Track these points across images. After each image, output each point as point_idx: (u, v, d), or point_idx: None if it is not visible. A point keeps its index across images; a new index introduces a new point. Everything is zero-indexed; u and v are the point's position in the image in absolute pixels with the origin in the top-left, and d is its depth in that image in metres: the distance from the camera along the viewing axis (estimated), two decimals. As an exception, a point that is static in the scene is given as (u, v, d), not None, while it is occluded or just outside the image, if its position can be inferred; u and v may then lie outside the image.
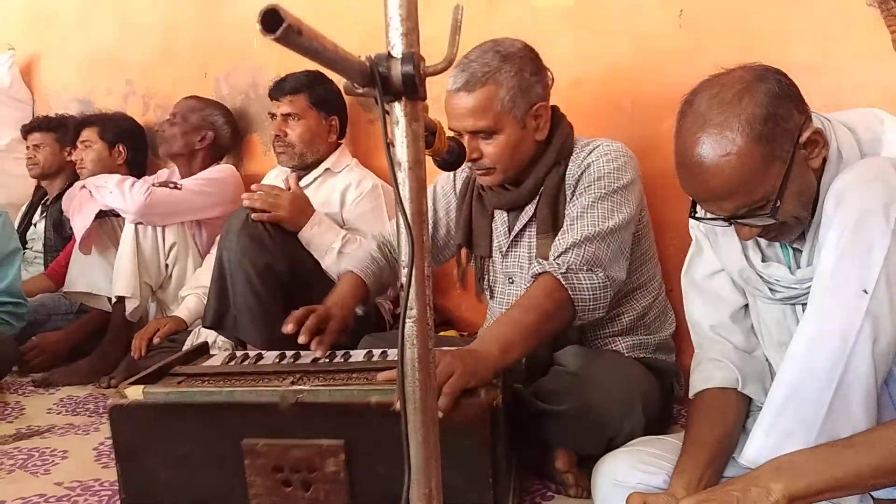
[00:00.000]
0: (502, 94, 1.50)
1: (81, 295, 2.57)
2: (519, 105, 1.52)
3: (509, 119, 1.52)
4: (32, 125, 3.19)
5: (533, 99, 1.54)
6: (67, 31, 3.59)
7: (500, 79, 1.50)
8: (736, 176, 1.06)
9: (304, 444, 1.18)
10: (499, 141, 1.53)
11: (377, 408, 1.15)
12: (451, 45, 0.70)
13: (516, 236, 1.65)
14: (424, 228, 0.70)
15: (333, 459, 1.17)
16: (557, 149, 1.59)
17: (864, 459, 0.93)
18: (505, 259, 1.68)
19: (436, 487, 0.72)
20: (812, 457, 0.96)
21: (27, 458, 1.74)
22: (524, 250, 1.64)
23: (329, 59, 0.57)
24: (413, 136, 0.69)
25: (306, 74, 2.34)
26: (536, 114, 1.56)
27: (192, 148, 2.69)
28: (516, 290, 1.66)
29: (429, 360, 0.71)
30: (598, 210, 1.48)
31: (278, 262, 1.93)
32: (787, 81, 1.10)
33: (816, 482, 0.93)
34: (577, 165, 1.57)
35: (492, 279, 1.74)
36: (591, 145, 1.59)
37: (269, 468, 1.19)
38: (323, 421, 1.18)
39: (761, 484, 0.95)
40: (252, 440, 1.20)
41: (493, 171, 1.57)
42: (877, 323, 0.99)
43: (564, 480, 1.41)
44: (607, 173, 1.52)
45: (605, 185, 1.50)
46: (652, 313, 1.67)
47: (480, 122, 1.51)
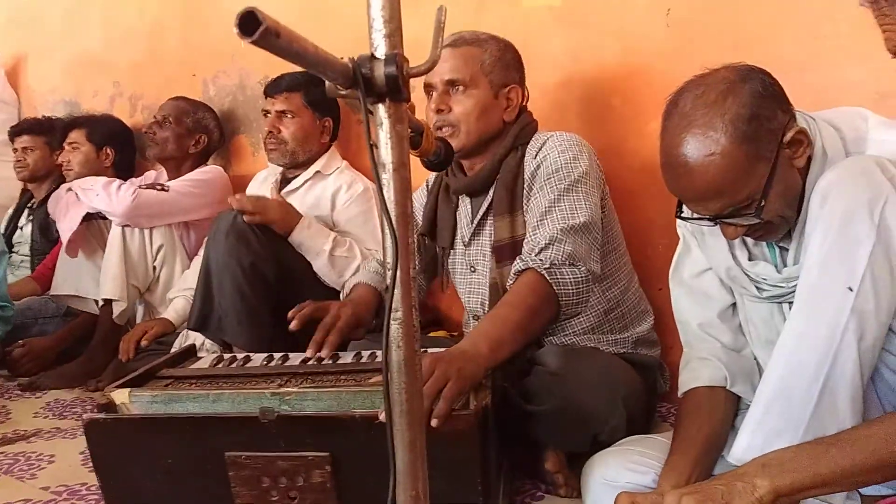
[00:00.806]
0: (484, 58, 1.62)
1: (68, 298, 2.56)
2: (497, 74, 1.62)
3: (485, 81, 1.61)
4: (21, 127, 3.16)
5: (510, 78, 1.64)
6: (53, 33, 3.56)
7: (486, 46, 1.63)
8: (720, 176, 1.06)
9: (288, 455, 1.15)
10: (470, 98, 1.60)
11: (362, 420, 1.12)
12: (435, 47, 0.70)
13: (478, 225, 1.68)
14: (409, 230, 0.69)
15: (319, 471, 1.15)
16: (516, 133, 1.64)
17: (849, 456, 0.93)
18: (468, 248, 1.71)
19: (422, 490, 0.72)
20: (798, 454, 0.96)
21: (13, 462, 1.72)
22: (486, 238, 1.66)
23: (310, 62, 0.57)
24: (397, 138, 0.68)
25: (304, 74, 2.33)
26: (509, 94, 1.64)
27: (185, 151, 2.68)
28: (478, 278, 1.69)
29: (415, 363, 0.70)
30: (565, 203, 1.50)
31: (265, 263, 1.92)
32: (770, 81, 1.10)
33: (802, 479, 0.93)
34: (532, 154, 1.60)
35: (451, 269, 1.77)
36: (545, 136, 1.62)
37: (253, 478, 1.17)
38: (307, 434, 1.15)
39: (747, 480, 0.95)
40: (235, 453, 1.17)
41: (457, 133, 1.60)
42: (862, 320, 0.99)
43: (554, 480, 1.41)
44: (564, 164, 1.54)
45: (565, 177, 1.52)
46: (623, 307, 1.66)
47: (458, 74, 1.60)
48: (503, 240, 1.59)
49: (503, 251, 1.59)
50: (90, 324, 2.57)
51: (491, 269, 1.62)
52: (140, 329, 2.34)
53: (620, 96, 1.97)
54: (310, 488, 1.15)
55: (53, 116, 3.27)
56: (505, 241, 1.58)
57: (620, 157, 1.91)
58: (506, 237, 1.58)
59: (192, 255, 2.54)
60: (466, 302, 1.76)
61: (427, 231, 1.78)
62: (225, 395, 1.25)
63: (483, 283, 1.68)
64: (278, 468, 1.15)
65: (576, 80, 2.04)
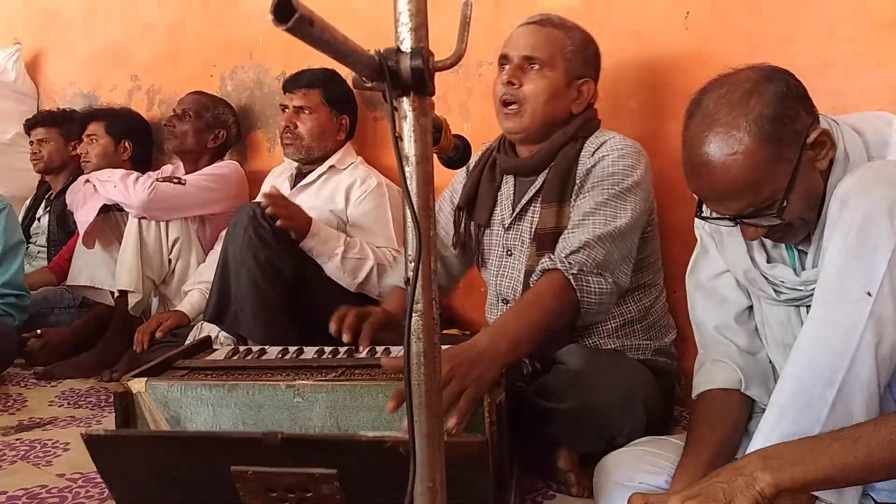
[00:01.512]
0: (566, 44, 1.60)
1: (84, 288, 2.58)
2: (575, 63, 1.61)
3: (562, 66, 1.59)
4: (37, 120, 3.19)
5: (586, 71, 1.63)
6: (73, 27, 3.59)
7: (570, 34, 1.63)
8: (742, 175, 1.06)
9: (295, 472, 1.13)
10: (543, 78, 1.58)
11: (369, 444, 1.09)
12: (460, 41, 0.70)
13: (522, 209, 1.65)
14: (431, 223, 0.70)
15: (328, 486, 1.12)
16: (579, 125, 1.63)
17: (851, 453, 0.91)
18: (507, 232, 1.68)
19: (440, 482, 0.72)
20: (800, 448, 0.94)
21: (29, 449, 1.74)
22: (527, 224, 1.65)
23: (339, 52, 0.58)
24: (421, 131, 0.69)
25: (323, 71, 2.35)
26: (581, 87, 1.63)
27: (203, 146, 2.70)
28: (514, 262, 1.67)
29: (434, 355, 0.71)
30: (609, 209, 1.48)
31: (283, 259, 1.94)
32: (795, 82, 1.10)
33: (803, 473, 0.92)
34: (590, 151, 1.58)
35: (486, 251, 1.74)
36: (606, 135, 1.61)
37: (262, 489, 1.15)
38: (313, 454, 1.12)
39: (747, 473, 0.94)
40: (241, 468, 1.14)
41: (522, 111, 1.59)
42: (880, 325, 0.98)
43: (566, 480, 1.41)
44: (619, 170, 1.52)
45: (617, 182, 1.51)
46: (650, 318, 1.66)
47: (537, 52, 1.58)
48: (547, 228, 1.56)
49: (545, 239, 1.56)
50: (105, 315, 2.59)
51: (529, 256, 1.59)
52: (155, 321, 2.36)
53: (638, 98, 1.97)
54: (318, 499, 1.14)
55: (69, 109, 3.30)
56: (549, 229, 1.56)
57: (637, 159, 1.91)
58: (550, 226, 1.56)
59: (208, 249, 2.56)
60: (496, 285, 1.72)
61: (465, 204, 1.75)
62: (240, 387, 1.26)
63: (518, 269, 1.66)
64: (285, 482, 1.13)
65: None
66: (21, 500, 1.44)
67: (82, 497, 1.45)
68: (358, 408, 1.21)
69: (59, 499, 1.45)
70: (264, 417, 1.24)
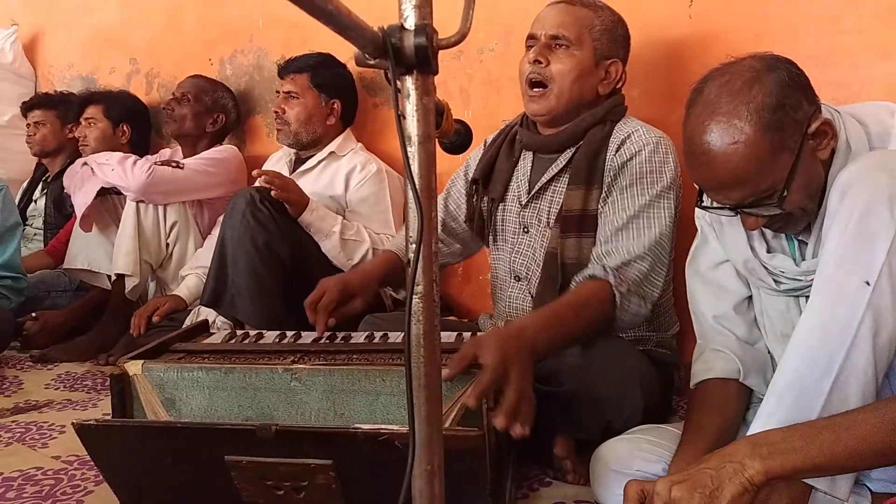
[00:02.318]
0: (595, 23, 1.58)
1: (81, 272, 2.57)
2: (603, 43, 1.58)
3: (590, 46, 1.57)
4: (33, 102, 3.17)
5: (614, 52, 1.61)
6: (71, 8, 3.56)
7: (599, 13, 1.60)
8: (743, 164, 1.05)
9: (290, 462, 1.12)
10: (571, 58, 1.56)
11: (364, 437, 1.07)
12: (465, 20, 0.69)
13: (542, 188, 1.63)
14: (433, 204, 0.69)
15: (323, 476, 1.12)
16: (608, 108, 1.61)
17: (841, 441, 0.91)
18: (524, 209, 1.66)
19: (438, 465, 0.72)
20: (790, 435, 0.94)
21: (25, 431, 1.74)
22: (546, 203, 1.62)
23: (342, 25, 0.57)
24: (424, 111, 0.68)
25: (315, 56, 2.35)
26: (609, 67, 1.60)
27: (202, 129, 2.69)
28: (530, 240, 1.65)
29: (434, 336, 0.70)
30: (649, 214, 1.47)
31: (280, 243, 1.93)
32: (797, 71, 1.09)
33: (792, 460, 0.91)
34: (619, 139, 1.55)
35: (501, 227, 1.72)
36: (634, 124, 1.58)
37: (257, 478, 1.14)
38: (308, 446, 1.11)
39: (736, 459, 0.93)
40: (235, 457, 1.13)
41: (549, 92, 1.57)
42: (878, 315, 0.98)
43: (563, 467, 1.41)
44: (656, 168, 1.50)
45: (654, 181, 1.49)
46: (656, 311, 1.63)
47: (565, 31, 1.55)
48: (573, 210, 1.55)
49: (570, 222, 1.55)
50: (102, 298, 2.59)
51: (550, 237, 1.58)
52: (152, 305, 2.35)
53: (640, 87, 1.96)
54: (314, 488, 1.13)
55: (66, 91, 3.28)
56: (575, 211, 1.55)
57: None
58: (576, 208, 1.54)
59: (206, 234, 2.55)
60: (511, 262, 1.69)
61: (481, 177, 1.73)
62: (236, 370, 1.25)
63: (534, 247, 1.64)
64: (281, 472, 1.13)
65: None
66: (17, 482, 1.43)
67: (78, 479, 1.45)
68: (355, 391, 1.20)
69: (55, 481, 1.45)
70: (260, 401, 1.23)
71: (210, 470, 1.15)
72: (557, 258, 1.55)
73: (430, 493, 0.73)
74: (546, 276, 1.57)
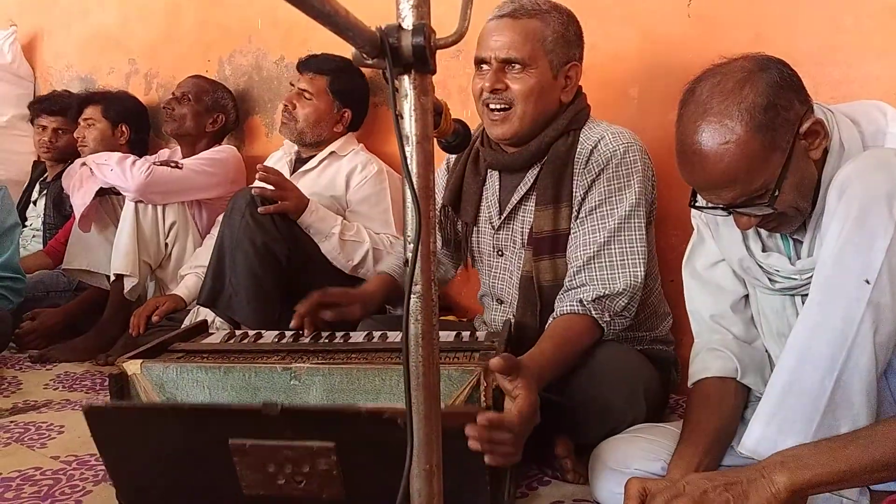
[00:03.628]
0: (546, 34, 1.49)
1: (80, 272, 2.57)
2: (558, 52, 1.50)
3: (545, 60, 1.49)
4: (49, 107, 3.12)
5: (570, 55, 1.53)
6: (70, 9, 3.56)
7: (548, 20, 1.50)
8: (735, 164, 1.06)
9: (293, 445, 1.12)
10: (529, 77, 1.48)
11: (368, 415, 1.08)
12: (463, 19, 0.69)
13: (513, 209, 1.59)
14: (431, 203, 0.69)
15: (325, 460, 1.12)
16: (570, 118, 1.54)
17: (868, 454, 0.93)
18: (497, 232, 1.63)
19: (437, 463, 0.72)
20: (816, 450, 0.96)
21: (24, 431, 1.74)
22: (518, 224, 1.59)
23: (339, 25, 0.57)
24: (422, 110, 0.68)
25: (339, 60, 2.32)
26: (569, 72, 1.54)
27: (202, 129, 2.69)
28: (506, 263, 1.63)
29: (432, 336, 0.70)
30: (623, 238, 1.46)
31: (279, 244, 1.93)
32: (789, 71, 1.10)
33: (820, 475, 0.93)
34: (587, 150, 1.51)
35: (476, 249, 1.70)
36: (599, 129, 1.54)
37: (259, 464, 1.15)
38: (311, 426, 1.12)
39: (766, 475, 0.95)
40: (239, 440, 1.13)
41: (511, 114, 1.49)
42: (878, 313, 0.99)
43: (563, 466, 1.41)
44: (624, 184, 1.48)
45: (624, 198, 1.47)
46: (647, 309, 1.64)
47: (517, 53, 1.47)
48: (543, 231, 1.51)
49: (542, 244, 1.52)
50: (101, 298, 2.58)
51: (525, 261, 1.55)
52: (151, 304, 2.35)
53: (638, 86, 1.96)
54: (316, 475, 1.13)
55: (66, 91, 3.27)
56: (545, 233, 1.52)
57: (636, 148, 1.90)
58: (547, 229, 1.51)
59: (205, 234, 2.55)
60: (490, 286, 1.69)
61: (451, 202, 1.69)
62: (236, 369, 1.25)
63: (511, 270, 1.62)
64: (283, 456, 1.13)
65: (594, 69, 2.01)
66: (15, 482, 1.43)
67: (76, 479, 1.45)
68: (354, 391, 1.20)
69: (54, 481, 1.45)
70: (260, 400, 1.23)
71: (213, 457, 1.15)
72: (534, 282, 1.54)
73: (429, 492, 0.73)
74: (524, 300, 1.56)
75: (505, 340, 1.35)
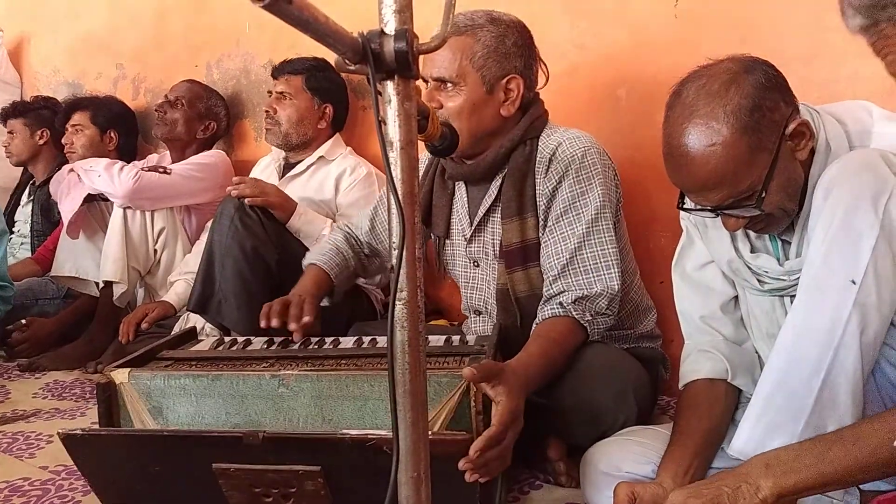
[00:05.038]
0: (476, 49, 1.48)
1: (69, 279, 2.56)
2: (490, 67, 1.48)
3: (475, 77, 1.48)
4: (4, 111, 3.12)
5: (508, 68, 1.50)
6: (57, 14, 3.55)
7: (480, 35, 1.49)
8: (721, 166, 1.06)
9: (278, 469, 1.11)
10: (459, 96, 1.48)
11: (352, 442, 1.07)
12: (445, 24, 0.69)
13: (481, 221, 1.59)
14: (416, 209, 0.69)
15: (312, 482, 1.11)
16: (525, 127, 1.53)
17: (852, 455, 0.92)
18: (469, 244, 1.64)
19: (424, 471, 0.71)
20: (800, 453, 0.95)
21: (12, 441, 1.72)
22: (489, 236, 1.60)
23: (320, 32, 0.56)
24: (405, 116, 0.68)
25: (311, 59, 2.35)
26: (508, 86, 1.51)
27: (192, 135, 2.69)
28: (482, 273, 1.64)
29: (418, 343, 0.70)
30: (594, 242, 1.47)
31: (268, 249, 1.92)
32: (774, 73, 1.10)
33: (805, 478, 0.93)
34: (546, 157, 1.51)
35: (450, 262, 1.71)
36: (557, 134, 1.53)
37: (245, 485, 1.14)
38: (295, 452, 1.11)
39: (751, 481, 0.95)
40: (223, 465, 1.12)
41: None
42: (864, 313, 0.99)
43: (555, 469, 1.41)
44: (586, 187, 1.48)
45: (588, 201, 1.47)
46: (629, 305, 1.63)
47: (444, 71, 1.48)
48: (513, 244, 1.52)
49: (513, 256, 1.53)
50: (90, 306, 2.56)
51: (499, 274, 1.56)
52: (140, 311, 2.34)
53: (626, 87, 1.96)
54: (304, 495, 1.13)
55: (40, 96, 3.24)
56: (515, 244, 1.52)
57: (624, 149, 1.90)
58: (515, 241, 1.52)
59: (194, 239, 2.54)
60: (467, 297, 1.70)
61: (422, 216, 1.70)
62: (223, 377, 1.24)
63: (486, 280, 1.63)
64: (269, 479, 1.12)
65: (581, 70, 2.03)
66: (3, 493, 1.42)
67: (65, 490, 1.44)
68: (343, 397, 1.19)
69: (42, 491, 1.43)
70: (248, 408, 1.23)
71: (198, 478, 1.14)
72: (510, 294, 1.54)
73: (417, 499, 0.72)
74: (504, 311, 1.57)
75: (494, 344, 1.35)
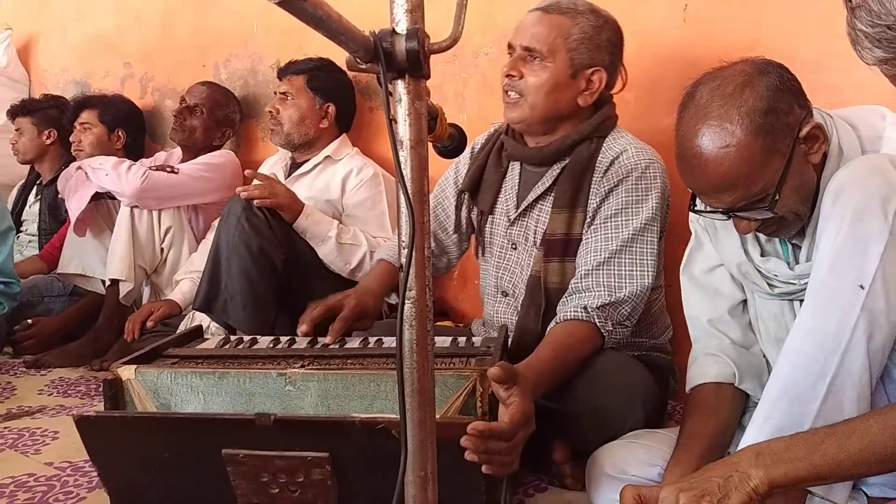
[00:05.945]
0: (572, 32, 1.50)
1: (75, 276, 2.57)
2: (581, 52, 1.51)
3: (564, 57, 1.50)
4: (12, 110, 3.13)
5: (596, 59, 1.53)
6: (65, 13, 3.56)
7: (579, 19, 1.51)
8: (735, 168, 1.06)
9: (287, 455, 1.12)
10: (543, 71, 1.50)
11: (362, 425, 1.08)
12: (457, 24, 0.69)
13: (529, 206, 1.60)
14: (425, 208, 0.69)
15: (319, 470, 1.12)
16: (596, 124, 1.55)
17: (844, 449, 0.90)
18: (511, 226, 1.64)
19: (431, 470, 0.71)
20: (792, 444, 0.93)
21: (17, 437, 1.73)
22: (533, 222, 1.60)
23: (332, 30, 0.57)
24: (416, 115, 0.68)
25: (315, 60, 2.36)
26: (591, 76, 1.53)
27: (209, 142, 2.70)
28: (518, 257, 1.63)
29: (427, 342, 0.70)
30: (635, 250, 1.47)
31: (275, 249, 1.93)
32: (788, 76, 1.10)
33: (796, 469, 0.91)
34: (608, 160, 1.52)
35: (489, 240, 1.70)
36: (623, 141, 1.55)
37: (252, 474, 1.14)
38: (305, 436, 1.12)
39: (741, 470, 0.93)
40: (232, 451, 1.13)
41: (521, 103, 1.52)
42: (872, 319, 0.98)
43: (561, 472, 1.41)
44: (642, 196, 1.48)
45: (640, 210, 1.48)
46: (648, 318, 1.63)
47: (536, 42, 1.50)
48: (557, 234, 1.52)
49: (554, 246, 1.53)
50: (96, 303, 2.57)
51: (535, 260, 1.56)
52: (146, 310, 2.35)
53: (635, 91, 1.95)
54: (310, 484, 1.13)
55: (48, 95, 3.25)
56: (558, 235, 1.53)
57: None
58: (560, 232, 1.52)
59: (200, 239, 2.55)
60: (497, 277, 1.68)
61: (469, 189, 1.70)
62: (231, 375, 1.25)
63: (521, 265, 1.62)
64: (277, 466, 1.13)
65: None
66: (9, 489, 1.43)
67: (70, 486, 1.44)
68: (350, 396, 1.19)
69: (48, 487, 1.44)
70: (255, 406, 1.23)
71: (205, 467, 1.15)
72: (541, 283, 1.54)
73: (424, 498, 0.72)
74: (530, 298, 1.56)
75: (501, 346, 1.35)
